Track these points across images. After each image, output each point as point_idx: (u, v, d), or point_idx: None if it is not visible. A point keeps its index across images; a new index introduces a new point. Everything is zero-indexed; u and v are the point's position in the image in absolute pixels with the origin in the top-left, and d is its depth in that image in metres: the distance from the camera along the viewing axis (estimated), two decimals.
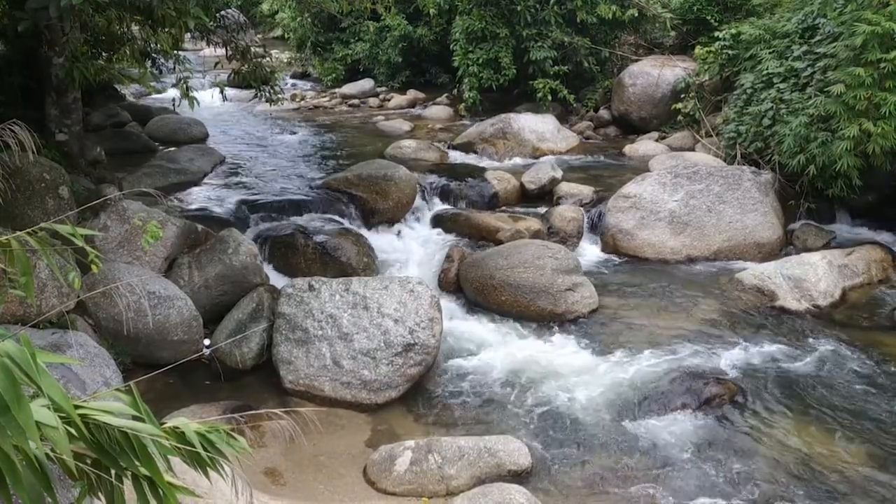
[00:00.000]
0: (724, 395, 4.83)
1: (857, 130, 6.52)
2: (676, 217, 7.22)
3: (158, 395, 4.72)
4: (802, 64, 7.77)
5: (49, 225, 1.79)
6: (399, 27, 13.57)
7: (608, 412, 4.72)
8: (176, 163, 8.63)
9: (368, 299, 5.13)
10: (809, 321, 5.92)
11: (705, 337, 5.63)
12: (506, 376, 5.17)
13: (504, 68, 11.61)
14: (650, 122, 10.88)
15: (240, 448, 1.68)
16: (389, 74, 14.69)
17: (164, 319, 4.98)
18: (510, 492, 3.65)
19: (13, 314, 4.46)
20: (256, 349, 5.25)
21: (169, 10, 5.61)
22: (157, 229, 2.73)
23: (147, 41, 8.02)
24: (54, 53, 6.40)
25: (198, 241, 5.89)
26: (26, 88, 6.85)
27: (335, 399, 4.88)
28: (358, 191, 7.59)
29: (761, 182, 7.45)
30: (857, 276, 6.46)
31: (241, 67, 7.35)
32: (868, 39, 6.49)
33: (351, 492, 4.02)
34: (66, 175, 5.46)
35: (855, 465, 4.21)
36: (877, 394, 4.88)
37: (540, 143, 10.17)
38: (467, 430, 4.57)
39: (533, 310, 5.97)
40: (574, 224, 7.54)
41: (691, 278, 6.72)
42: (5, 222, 4.75)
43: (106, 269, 5.03)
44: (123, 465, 1.51)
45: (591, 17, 11.57)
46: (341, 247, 6.47)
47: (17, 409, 1.29)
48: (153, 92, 13.12)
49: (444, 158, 9.78)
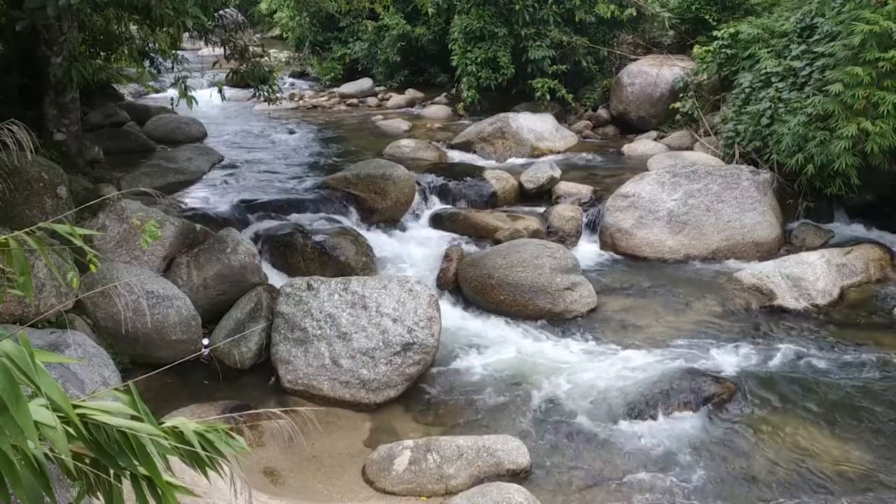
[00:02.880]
0: (723, 393, 4.83)
1: (856, 129, 6.53)
2: (675, 216, 7.22)
3: (157, 395, 4.72)
4: (801, 63, 7.77)
5: (47, 224, 1.79)
6: (397, 26, 13.57)
7: (607, 411, 4.73)
8: (174, 162, 8.63)
9: (367, 299, 5.13)
10: (808, 320, 5.93)
11: (704, 336, 5.64)
12: (504, 375, 5.17)
13: (502, 67, 11.61)
14: (649, 121, 10.88)
15: (238, 448, 1.68)
16: (388, 74, 14.70)
17: (162, 319, 4.98)
18: (509, 491, 3.65)
19: (11, 314, 4.46)
20: (255, 349, 5.25)
21: (167, 9, 5.60)
22: (156, 229, 2.73)
23: (145, 40, 8.03)
24: (52, 53, 6.40)
25: (196, 240, 5.88)
26: (24, 88, 6.85)
27: (334, 398, 4.88)
28: (356, 190, 7.59)
29: (760, 181, 7.46)
30: (855, 275, 6.47)
31: (239, 67, 7.35)
32: (866, 38, 6.49)
33: (350, 491, 4.03)
34: (64, 174, 5.46)
35: (854, 464, 4.21)
36: (875, 392, 4.88)
37: (538, 143, 10.17)
38: (466, 429, 4.57)
39: (531, 309, 5.97)
40: (572, 223, 7.55)
41: (690, 277, 6.72)
42: (3, 222, 4.75)
43: (104, 269, 5.03)
44: (122, 464, 1.51)
45: (589, 17, 11.57)
46: (340, 246, 6.47)
47: (16, 408, 1.29)
48: (151, 91, 13.13)
49: (442, 158, 9.78)
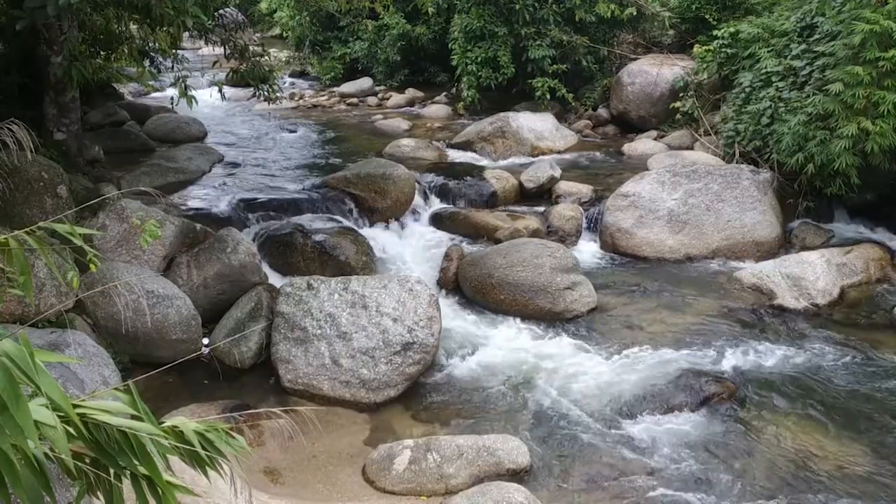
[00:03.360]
0: (723, 393, 4.83)
1: (856, 129, 6.52)
2: (675, 216, 7.22)
3: (157, 395, 4.72)
4: (801, 62, 7.77)
5: (47, 224, 1.79)
6: (397, 26, 13.56)
7: (607, 411, 4.73)
8: (174, 162, 8.63)
9: (367, 298, 5.13)
10: (808, 320, 5.93)
11: (704, 336, 5.63)
12: (504, 375, 5.17)
13: (503, 67, 11.60)
14: (649, 120, 10.88)
15: (238, 447, 1.68)
16: (388, 73, 14.69)
17: (162, 318, 4.98)
18: (509, 490, 3.65)
19: (12, 313, 4.46)
20: (255, 348, 5.25)
21: (167, 8, 5.60)
22: (156, 228, 2.73)
23: (145, 40, 8.03)
24: (52, 52, 6.39)
25: (196, 240, 5.89)
26: (24, 87, 6.85)
27: (334, 398, 4.89)
28: (357, 189, 7.59)
29: (760, 181, 7.45)
30: (855, 275, 6.47)
31: (239, 66, 7.34)
32: (866, 38, 6.49)
33: (350, 491, 4.03)
34: (64, 174, 5.46)
35: (853, 463, 4.22)
36: (875, 392, 4.88)
37: (538, 142, 10.17)
38: (466, 428, 4.57)
39: (531, 309, 5.97)
40: (573, 223, 7.55)
41: (690, 277, 6.72)
42: (3, 221, 4.75)
43: (104, 269, 5.03)
44: (122, 464, 1.51)
45: (589, 16, 11.57)
46: (340, 246, 6.47)
47: (16, 408, 1.29)
48: (151, 91, 13.12)
49: (442, 157, 9.77)
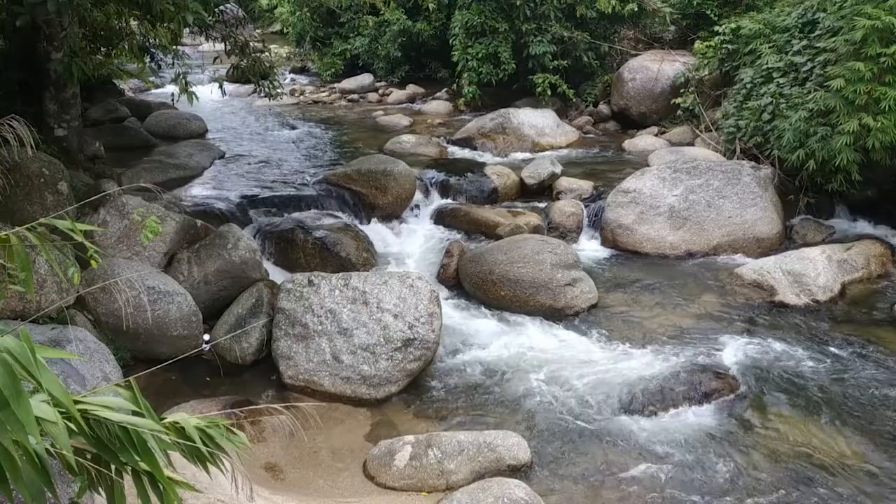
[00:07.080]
0: (724, 389, 4.84)
1: (857, 125, 6.52)
2: (676, 212, 7.22)
3: (158, 391, 4.73)
4: (802, 58, 7.76)
5: (48, 220, 1.79)
6: (398, 22, 13.54)
7: (607, 407, 4.73)
8: (175, 158, 8.62)
9: (368, 294, 5.13)
10: (809, 316, 5.93)
11: (705, 332, 5.64)
12: (505, 371, 5.17)
13: (503, 63, 11.59)
14: (650, 116, 10.87)
15: (239, 443, 1.68)
16: (388, 69, 14.68)
17: (163, 315, 4.98)
18: (509, 486, 3.66)
19: (12, 309, 4.47)
20: (256, 344, 5.26)
21: (167, 4, 5.60)
22: (157, 224, 2.74)
23: (146, 36, 8.01)
24: (53, 48, 6.39)
25: (197, 236, 5.89)
26: (25, 84, 6.84)
27: (335, 394, 4.89)
28: (357, 186, 7.59)
29: (761, 177, 7.45)
30: (856, 271, 6.46)
31: (239, 62, 7.34)
32: (868, 34, 6.48)
33: (350, 486, 4.03)
34: (64, 170, 5.46)
35: (854, 459, 4.22)
36: (876, 388, 4.89)
37: (539, 138, 10.16)
38: (467, 424, 4.57)
39: (532, 305, 5.97)
40: (573, 219, 7.55)
41: (691, 273, 6.72)
42: (4, 218, 4.75)
43: (105, 265, 5.03)
44: (123, 460, 1.51)
45: (590, 12, 11.56)
46: (341, 242, 6.47)
47: (17, 404, 1.29)
48: (152, 87, 13.12)
49: (443, 153, 9.78)
